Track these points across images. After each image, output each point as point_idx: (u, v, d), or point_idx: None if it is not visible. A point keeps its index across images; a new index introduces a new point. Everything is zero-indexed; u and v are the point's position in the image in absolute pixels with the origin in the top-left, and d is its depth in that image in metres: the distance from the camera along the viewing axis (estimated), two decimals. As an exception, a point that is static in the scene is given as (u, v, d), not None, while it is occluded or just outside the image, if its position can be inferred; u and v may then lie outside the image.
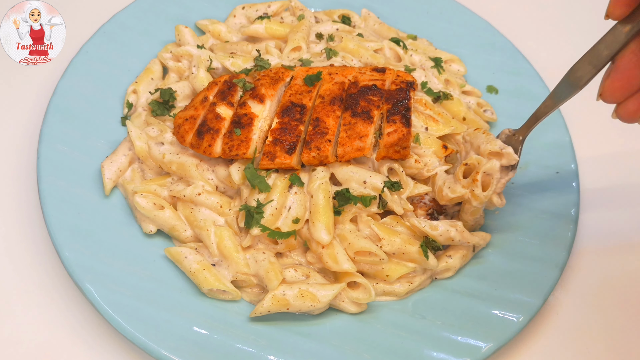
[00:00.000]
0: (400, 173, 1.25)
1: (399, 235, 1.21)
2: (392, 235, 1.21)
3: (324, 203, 1.19)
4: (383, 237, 1.20)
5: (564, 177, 1.38)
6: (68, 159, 1.29)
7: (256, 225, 1.17)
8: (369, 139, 1.23)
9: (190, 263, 1.19)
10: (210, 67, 1.40)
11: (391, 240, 1.20)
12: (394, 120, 1.24)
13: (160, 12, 1.54)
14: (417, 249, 1.20)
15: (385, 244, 1.20)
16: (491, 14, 1.70)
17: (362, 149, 1.22)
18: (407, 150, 1.24)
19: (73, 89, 1.37)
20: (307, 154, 1.22)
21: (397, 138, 1.22)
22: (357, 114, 1.25)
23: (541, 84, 1.53)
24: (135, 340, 1.11)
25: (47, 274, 1.25)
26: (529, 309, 1.20)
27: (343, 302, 1.20)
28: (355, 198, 1.20)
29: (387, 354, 1.15)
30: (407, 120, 1.24)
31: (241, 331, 1.15)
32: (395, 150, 1.23)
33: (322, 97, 1.28)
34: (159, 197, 1.26)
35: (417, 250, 1.20)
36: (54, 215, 1.20)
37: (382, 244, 1.20)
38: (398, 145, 1.23)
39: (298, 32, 1.45)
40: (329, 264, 1.18)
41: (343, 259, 1.17)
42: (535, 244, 1.29)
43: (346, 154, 1.22)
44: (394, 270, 1.20)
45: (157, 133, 1.32)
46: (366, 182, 1.21)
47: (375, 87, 1.28)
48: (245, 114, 1.26)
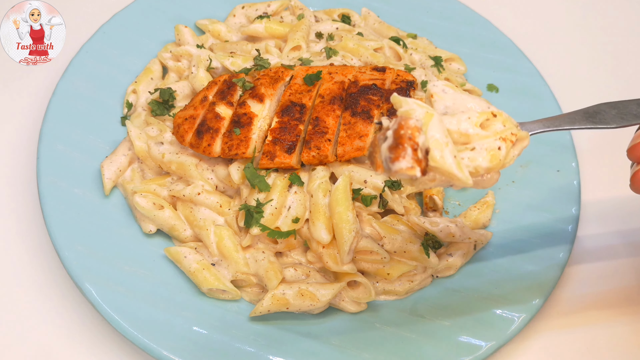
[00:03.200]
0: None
1: (400, 233, 1.21)
2: (393, 234, 1.21)
3: (324, 202, 1.18)
4: (384, 235, 1.20)
5: (565, 176, 1.38)
6: (68, 159, 1.29)
7: (256, 224, 1.17)
8: (369, 138, 1.23)
9: (189, 263, 1.19)
10: (209, 66, 1.40)
11: (392, 238, 1.20)
12: None
13: (160, 11, 1.53)
14: (418, 247, 1.20)
15: (386, 242, 1.20)
16: (491, 13, 1.69)
17: (362, 149, 1.22)
18: None
19: (73, 89, 1.37)
20: (306, 154, 1.22)
21: None
22: (357, 114, 1.25)
23: (542, 82, 1.53)
24: (135, 340, 1.10)
25: (47, 274, 1.25)
26: (530, 308, 1.20)
27: (343, 301, 1.19)
28: (357, 194, 1.20)
29: (387, 353, 1.15)
30: None
31: (241, 331, 1.15)
32: None
33: (321, 96, 1.28)
34: (159, 196, 1.26)
35: (418, 249, 1.20)
36: (54, 215, 1.20)
37: (383, 242, 1.20)
38: None
39: (298, 32, 1.44)
40: (329, 264, 1.17)
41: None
42: (536, 242, 1.29)
43: (346, 153, 1.22)
44: (395, 269, 1.20)
45: (156, 133, 1.32)
46: (367, 181, 1.21)
47: (375, 87, 1.28)
48: (245, 113, 1.26)
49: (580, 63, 1.73)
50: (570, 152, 1.41)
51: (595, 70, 1.72)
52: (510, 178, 1.40)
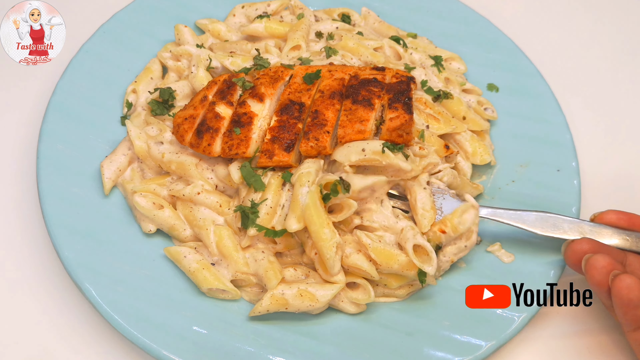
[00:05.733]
0: (411, 155, 1.23)
1: (397, 261, 1.17)
2: (390, 261, 1.17)
3: (301, 192, 1.16)
4: (380, 264, 1.17)
5: (565, 175, 1.38)
6: (68, 158, 1.29)
7: (252, 225, 1.17)
8: (370, 123, 1.22)
9: (189, 262, 1.19)
10: (209, 66, 1.40)
11: (389, 266, 1.17)
12: (396, 108, 1.24)
13: (159, 11, 1.54)
14: (414, 274, 1.17)
15: (382, 269, 1.18)
16: (491, 12, 1.69)
17: (362, 132, 1.21)
18: (411, 136, 1.23)
19: (73, 89, 1.37)
20: (305, 144, 1.21)
21: (400, 123, 1.22)
22: (357, 102, 1.24)
23: (542, 81, 1.53)
24: (135, 340, 1.11)
25: (47, 273, 1.25)
26: (530, 308, 1.20)
27: (342, 302, 1.19)
28: (327, 199, 1.15)
29: (387, 352, 1.15)
30: (409, 108, 1.23)
31: (241, 330, 1.15)
32: (398, 134, 1.22)
33: (321, 92, 1.28)
34: (159, 196, 1.26)
35: (414, 275, 1.17)
36: (54, 214, 1.21)
37: (380, 269, 1.17)
38: (401, 129, 1.21)
39: (297, 31, 1.44)
40: (320, 271, 1.17)
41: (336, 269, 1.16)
42: (536, 242, 1.29)
43: (347, 135, 1.21)
44: (393, 281, 1.20)
45: (156, 132, 1.31)
46: (365, 149, 1.19)
47: (375, 80, 1.28)
48: (245, 113, 1.26)
49: (581, 63, 1.73)
50: (570, 152, 1.41)
51: (595, 70, 1.72)
52: (510, 178, 1.40)
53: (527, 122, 1.47)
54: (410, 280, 1.20)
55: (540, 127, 1.46)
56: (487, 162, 1.40)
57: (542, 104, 1.49)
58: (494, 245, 1.29)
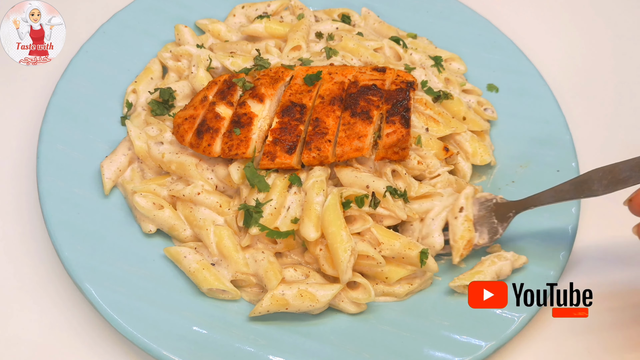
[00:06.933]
0: (403, 175, 1.25)
1: (399, 239, 1.20)
2: (392, 239, 1.19)
3: (316, 201, 1.17)
4: (382, 241, 1.19)
5: (565, 175, 1.38)
6: (68, 158, 1.29)
7: (255, 224, 1.17)
8: (368, 139, 1.23)
9: (189, 262, 1.19)
10: (209, 66, 1.40)
11: (391, 244, 1.19)
12: (393, 121, 1.24)
13: (159, 11, 1.54)
14: (417, 254, 1.19)
15: (384, 248, 1.19)
16: (491, 12, 1.69)
17: (360, 149, 1.22)
18: (406, 152, 1.23)
19: (73, 89, 1.37)
20: (307, 155, 1.21)
21: (396, 139, 1.22)
22: (356, 114, 1.25)
23: (542, 82, 1.53)
24: (135, 340, 1.11)
25: (47, 274, 1.25)
26: (530, 308, 1.20)
27: (342, 302, 1.19)
28: (347, 206, 1.19)
29: (387, 352, 1.15)
30: (407, 121, 1.24)
31: (241, 331, 1.15)
32: (394, 151, 1.23)
33: (321, 97, 1.28)
34: (159, 196, 1.26)
35: (416, 255, 1.19)
36: (54, 215, 1.21)
37: (381, 248, 1.19)
38: (397, 146, 1.22)
39: (298, 32, 1.44)
40: (325, 267, 1.17)
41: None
42: (536, 242, 1.29)
43: (345, 153, 1.22)
44: (394, 272, 1.20)
45: (156, 132, 1.31)
46: (369, 186, 1.21)
47: (375, 87, 1.28)
48: (245, 113, 1.26)
49: (580, 63, 1.73)
50: (570, 152, 1.41)
51: (595, 70, 1.72)
52: (510, 178, 1.40)
53: (527, 122, 1.47)
54: (411, 272, 1.20)
55: (540, 127, 1.46)
56: (487, 163, 1.40)
57: (542, 104, 1.49)
58: (494, 247, 1.29)
